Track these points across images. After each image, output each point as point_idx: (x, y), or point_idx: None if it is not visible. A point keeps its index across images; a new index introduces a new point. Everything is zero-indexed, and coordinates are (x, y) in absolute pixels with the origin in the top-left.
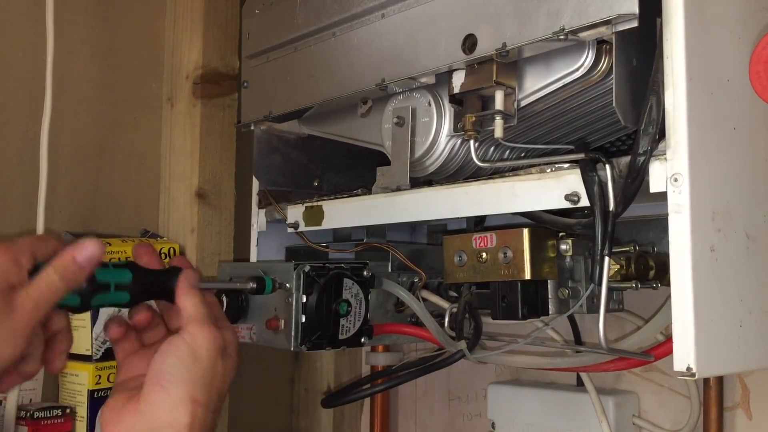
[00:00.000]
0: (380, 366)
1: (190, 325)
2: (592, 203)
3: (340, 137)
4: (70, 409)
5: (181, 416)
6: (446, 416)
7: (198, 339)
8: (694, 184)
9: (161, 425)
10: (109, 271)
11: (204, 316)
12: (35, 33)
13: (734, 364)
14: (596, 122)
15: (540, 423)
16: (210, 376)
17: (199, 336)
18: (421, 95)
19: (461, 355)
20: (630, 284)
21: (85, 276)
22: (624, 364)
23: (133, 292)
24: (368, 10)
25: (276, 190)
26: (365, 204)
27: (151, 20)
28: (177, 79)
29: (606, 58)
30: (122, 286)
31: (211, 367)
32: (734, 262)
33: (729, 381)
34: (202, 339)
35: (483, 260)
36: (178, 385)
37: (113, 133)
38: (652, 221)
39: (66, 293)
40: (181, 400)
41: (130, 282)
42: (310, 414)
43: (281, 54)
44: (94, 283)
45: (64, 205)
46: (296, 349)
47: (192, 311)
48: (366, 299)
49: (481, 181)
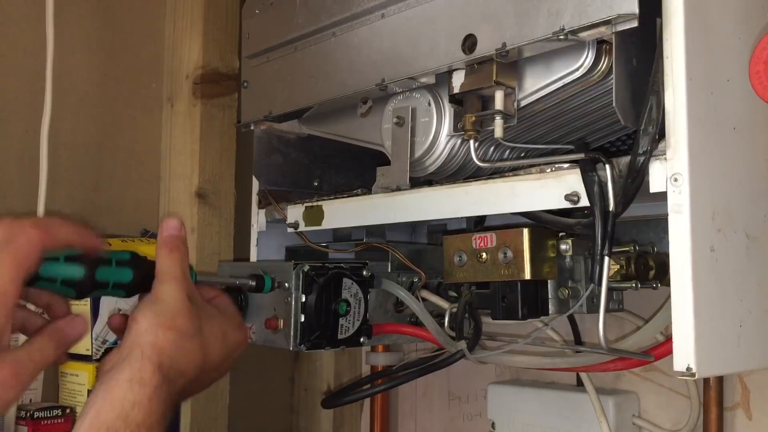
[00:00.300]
0: (380, 366)
1: (155, 283)
2: (592, 203)
3: (340, 137)
4: (70, 409)
5: (148, 336)
6: (446, 416)
7: (160, 289)
8: (694, 184)
9: (131, 345)
10: (111, 270)
11: (168, 273)
12: (35, 33)
13: (734, 364)
14: (596, 122)
15: (540, 423)
16: (177, 310)
17: (161, 288)
18: (421, 95)
19: (461, 355)
20: (630, 284)
21: None
22: (624, 364)
23: (130, 289)
24: (368, 10)
25: (276, 190)
26: (365, 204)
27: (151, 20)
28: (177, 79)
29: (606, 58)
30: (121, 284)
31: (178, 304)
32: (734, 262)
33: (729, 381)
34: (164, 288)
35: (483, 260)
36: (146, 316)
37: (113, 133)
38: (652, 221)
39: None
40: (149, 325)
41: (129, 281)
42: (310, 414)
43: (281, 54)
44: (93, 280)
45: (64, 205)
46: (295, 349)
47: (158, 269)
48: (365, 299)
49: (481, 181)
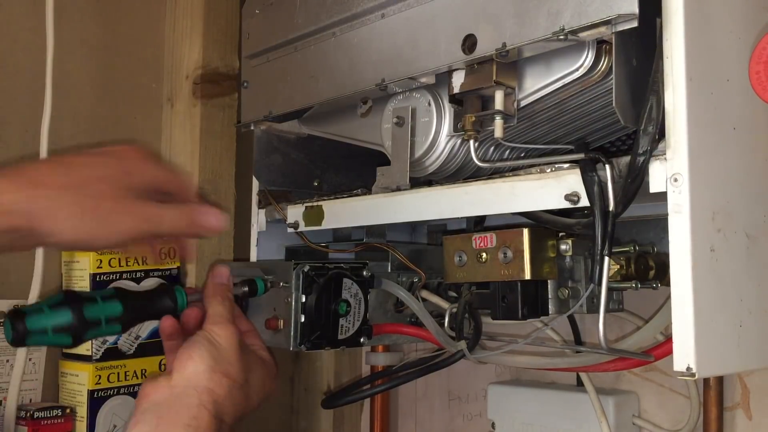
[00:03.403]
0: (380, 366)
1: (209, 324)
2: (592, 203)
3: (340, 137)
4: (70, 409)
5: (205, 381)
6: (446, 416)
7: (216, 331)
8: (694, 184)
9: (187, 386)
10: (99, 306)
11: (223, 316)
12: (35, 33)
13: (734, 364)
14: (596, 122)
15: (540, 423)
16: (232, 358)
17: (217, 330)
18: (421, 95)
19: (461, 355)
20: (630, 284)
21: None
22: (624, 364)
23: (125, 321)
24: (368, 10)
25: (276, 190)
26: (365, 204)
27: (151, 20)
28: (177, 79)
29: (606, 58)
30: (113, 318)
31: (233, 351)
32: (734, 262)
33: (729, 381)
34: (219, 331)
35: (483, 260)
36: (204, 358)
37: (113, 133)
38: (652, 221)
39: None
40: (206, 368)
41: (121, 314)
42: (310, 414)
43: (281, 54)
44: (83, 321)
45: None
46: (295, 349)
47: (212, 312)
48: (365, 299)
49: (481, 181)
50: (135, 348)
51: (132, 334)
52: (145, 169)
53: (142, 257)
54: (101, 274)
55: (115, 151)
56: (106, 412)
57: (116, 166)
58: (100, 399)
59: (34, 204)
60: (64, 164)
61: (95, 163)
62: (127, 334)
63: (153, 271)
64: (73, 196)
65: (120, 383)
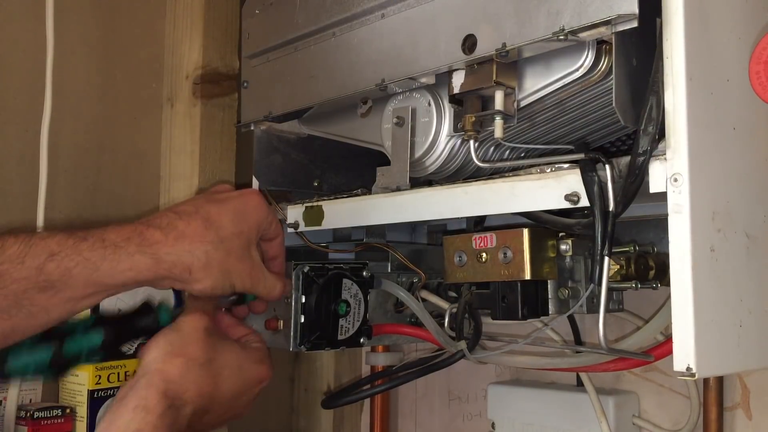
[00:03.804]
0: (380, 366)
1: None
2: (592, 203)
3: (340, 137)
4: (70, 409)
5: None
6: (446, 416)
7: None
8: (694, 184)
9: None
10: (78, 340)
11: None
12: (35, 33)
13: (734, 364)
14: (596, 122)
15: (540, 423)
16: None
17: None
18: (421, 95)
19: (461, 355)
20: (630, 284)
21: None
22: (624, 364)
23: (106, 350)
24: (368, 10)
25: (276, 190)
26: (365, 204)
27: (151, 20)
28: (177, 79)
29: (606, 58)
30: (93, 351)
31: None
32: (734, 262)
33: (729, 381)
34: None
35: (483, 260)
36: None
37: (113, 133)
38: (652, 221)
39: None
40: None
41: (101, 345)
42: (310, 414)
43: (281, 54)
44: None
45: (64, 205)
46: (295, 350)
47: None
48: (365, 299)
49: (481, 181)
50: (135, 348)
51: None
52: (265, 221)
53: None
54: None
55: (244, 201)
56: None
57: (247, 220)
58: (100, 399)
59: (182, 257)
60: (209, 221)
61: (232, 219)
62: None
63: None
64: (213, 252)
65: (120, 383)
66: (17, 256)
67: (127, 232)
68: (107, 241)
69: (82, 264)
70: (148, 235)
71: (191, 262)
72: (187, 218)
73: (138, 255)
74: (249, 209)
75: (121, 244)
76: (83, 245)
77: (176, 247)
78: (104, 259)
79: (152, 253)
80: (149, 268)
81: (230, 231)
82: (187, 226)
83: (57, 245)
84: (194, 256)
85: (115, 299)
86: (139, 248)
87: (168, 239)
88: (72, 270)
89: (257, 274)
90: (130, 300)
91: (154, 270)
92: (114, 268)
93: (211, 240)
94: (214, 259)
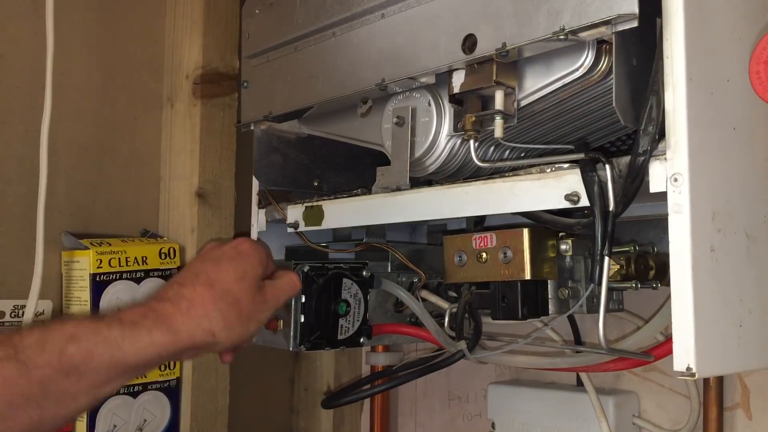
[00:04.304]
0: (380, 366)
1: None
2: (592, 203)
3: (340, 137)
4: None
5: None
6: (446, 416)
7: None
8: (694, 184)
9: None
10: None
11: None
12: (35, 33)
13: (734, 364)
14: (596, 122)
15: (540, 423)
16: None
17: None
18: (421, 95)
19: (461, 355)
20: (630, 284)
21: None
22: (624, 364)
23: None
24: (368, 10)
25: (276, 190)
26: (365, 204)
27: (151, 20)
28: (177, 79)
29: (606, 58)
30: None
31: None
32: (734, 262)
33: (729, 381)
34: None
35: (483, 260)
36: None
37: (113, 133)
38: (652, 221)
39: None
40: None
41: None
42: (310, 414)
43: (281, 54)
44: None
45: (64, 205)
46: (295, 349)
47: None
48: (365, 299)
49: (481, 181)
50: None
51: None
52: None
53: (143, 257)
54: (101, 274)
55: (237, 248)
56: (105, 412)
57: (246, 261)
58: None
59: (199, 323)
60: (211, 279)
61: (232, 268)
62: None
63: (153, 271)
64: (225, 307)
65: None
66: (37, 342)
67: (141, 310)
68: (124, 320)
69: (102, 344)
70: (161, 309)
71: (209, 325)
72: (191, 285)
73: (156, 331)
74: (244, 253)
75: (138, 321)
76: (101, 325)
77: (190, 315)
78: (125, 338)
79: (168, 326)
80: (170, 342)
81: (233, 279)
82: (193, 292)
83: (75, 328)
84: (210, 318)
85: (116, 299)
86: (155, 324)
87: (180, 310)
88: (93, 351)
89: (273, 296)
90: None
91: (175, 343)
92: (135, 346)
93: (220, 296)
94: (229, 312)
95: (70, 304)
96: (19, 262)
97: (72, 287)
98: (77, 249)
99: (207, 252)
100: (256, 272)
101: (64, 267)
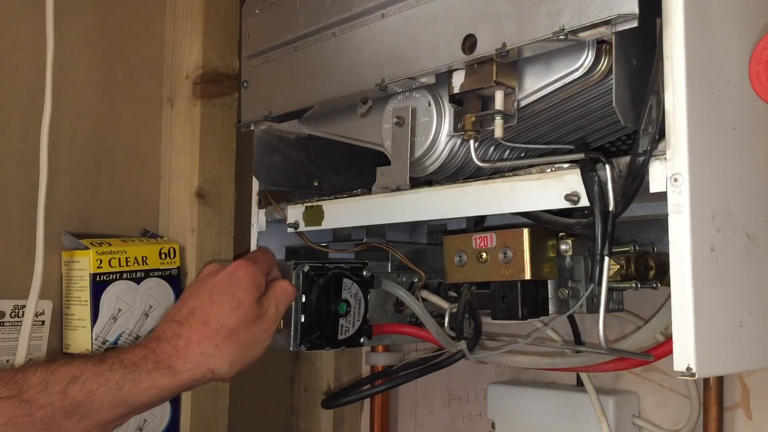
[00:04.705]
0: (380, 366)
1: None
2: (592, 203)
3: (340, 137)
4: None
5: None
6: (446, 416)
7: None
8: (694, 184)
9: None
10: None
11: None
12: (35, 33)
13: (734, 364)
14: (596, 122)
15: (540, 423)
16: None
17: None
18: (421, 95)
19: (461, 355)
20: (630, 284)
21: None
22: (624, 364)
23: None
24: (368, 10)
25: (276, 190)
26: (365, 204)
27: (151, 20)
28: (177, 79)
29: (606, 58)
30: None
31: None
32: (734, 262)
33: (729, 381)
34: None
35: (483, 260)
36: None
37: (113, 133)
38: (652, 221)
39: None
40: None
41: None
42: (310, 414)
43: (281, 54)
44: None
45: (64, 205)
46: (295, 349)
47: None
48: (365, 299)
49: (481, 181)
50: None
51: (132, 334)
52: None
53: (143, 257)
54: (101, 274)
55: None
56: None
57: (241, 288)
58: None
59: (198, 362)
60: (206, 314)
61: (225, 299)
62: (127, 334)
63: (153, 271)
64: (223, 341)
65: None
66: (40, 383)
67: (140, 351)
68: (125, 362)
69: (104, 385)
70: (159, 350)
71: (208, 364)
72: (188, 322)
73: (155, 372)
74: (238, 281)
75: (138, 363)
76: (103, 367)
77: (189, 354)
78: (125, 380)
79: (168, 367)
80: (170, 383)
81: (228, 312)
82: (189, 330)
83: (77, 369)
84: (208, 356)
85: (116, 299)
86: (155, 365)
87: (179, 350)
88: (95, 392)
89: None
90: (130, 301)
91: (175, 383)
92: (136, 387)
93: (217, 331)
94: (228, 347)
95: (70, 304)
96: (19, 262)
97: (72, 287)
98: (77, 249)
99: (203, 280)
100: (251, 297)
101: (64, 267)
